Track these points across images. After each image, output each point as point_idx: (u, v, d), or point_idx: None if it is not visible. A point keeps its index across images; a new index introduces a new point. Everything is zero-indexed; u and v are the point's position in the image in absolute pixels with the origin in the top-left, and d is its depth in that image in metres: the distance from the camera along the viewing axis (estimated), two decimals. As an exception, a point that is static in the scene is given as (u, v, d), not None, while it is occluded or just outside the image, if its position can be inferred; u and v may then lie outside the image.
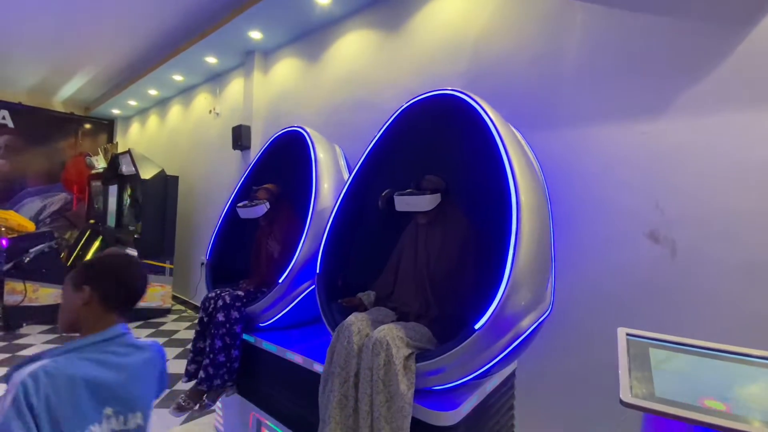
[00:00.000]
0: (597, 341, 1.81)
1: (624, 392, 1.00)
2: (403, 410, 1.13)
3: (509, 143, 1.36)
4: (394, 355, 1.18)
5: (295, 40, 3.84)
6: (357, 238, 1.85)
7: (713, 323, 1.59)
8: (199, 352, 1.83)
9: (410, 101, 1.74)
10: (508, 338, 1.19)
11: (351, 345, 1.28)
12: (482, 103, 1.49)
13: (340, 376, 1.26)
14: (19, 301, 4.07)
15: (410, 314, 1.51)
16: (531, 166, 1.43)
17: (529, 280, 1.21)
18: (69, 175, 6.92)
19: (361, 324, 1.33)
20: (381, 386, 1.18)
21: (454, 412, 1.17)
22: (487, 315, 1.15)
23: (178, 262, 5.21)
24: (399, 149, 1.85)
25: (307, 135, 2.13)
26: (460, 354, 1.17)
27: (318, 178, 1.96)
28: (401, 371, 1.16)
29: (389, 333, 1.23)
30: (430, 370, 1.22)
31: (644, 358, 1.10)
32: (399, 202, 1.56)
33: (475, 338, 1.15)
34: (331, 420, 1.21)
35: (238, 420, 1.92)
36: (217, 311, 1.81)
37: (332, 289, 1.68)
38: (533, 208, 1.28)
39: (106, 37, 4.43)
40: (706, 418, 0.90)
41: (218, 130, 4.82)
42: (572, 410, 1.92)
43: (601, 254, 1.90)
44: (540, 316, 1.30)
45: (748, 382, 1.02)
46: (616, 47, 1.92)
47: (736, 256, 1.57)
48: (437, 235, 1.61)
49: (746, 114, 1.59)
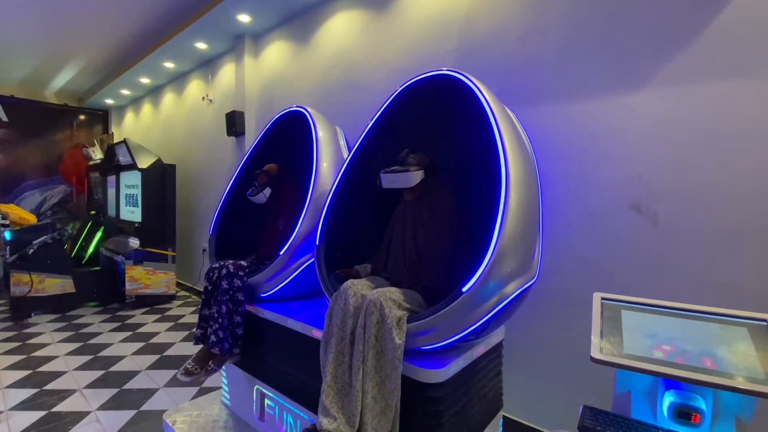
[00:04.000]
0: (581, 309, 1.89)
1: (594, 350, 1.08)
2: (393, 362, 1.22)
3: (501, 120, 1.41)
4: (387, 314, 1.26)
5: (284, 23, 3.81)
6: (356, 213, 1.91)
7: (692, 289, 1.66)
8: (204, 319, 1.94)
9: (409, 81, 1.79)
10: (494, 301, 1.26)
11: (348, 306, 1.36)
12: (477, 82, 1.54)
13: (338, 335, 1.35)
14: (26, 292, 4.17)
15: (402, 284, 1.58)
16: (521, 142, 1.48)
17: (515, 248, 1.28)
18: (67, 167, 6.95)
19: (356, 287, 1.41)
20: (373, 341, 1.26)
21: (441, 371, 1.25)
22: (474, 278, 1.21)
23: (180, 250, 5.30)
24: (397, 128, 1.91)
25: (308, 114, 2.21)
26: (449, 315, 1.24)
27: (319, 156, 2.03)
28: (393, 328, 1.24)
29: (383, 295, 1.31)
30: (420, 331, 1.29)
31: (616, 320, 1.18)
32: (385, 180, 1.61)
33: (463, 300, 1.22)
34: (328, 375, 1.31)
35: (243, 393, 2.03)
36: (221, 279, 1.90)
37: (331, 261, 1.76)
38: (522, 181, 1.34)
39: (94, 25, 4.39)
40: (666, 370, 0.98)
41: (212, 116, 4.83)
42: (557, 374, 2.02)
43: (586, 226, 1.96)
44: (525, 283, 1.37)
45: (710, 336, 1.10)
46: (600, 21, 1.93)
47: (715, 225, 1.62)
48: (424, 211, 1.65)
49: (727, 84, 1.61)
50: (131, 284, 4.59)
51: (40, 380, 2.78)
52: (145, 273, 4.68)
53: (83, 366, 3.03)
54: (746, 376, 0.97)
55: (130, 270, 4.58)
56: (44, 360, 3.13)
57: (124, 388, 2.69)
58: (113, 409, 2.43)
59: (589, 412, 1.13)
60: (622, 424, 1.08)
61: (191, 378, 1.82)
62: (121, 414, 2.37)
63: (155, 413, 2.37)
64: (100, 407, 2.44)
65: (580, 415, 1.13)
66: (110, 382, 2.77)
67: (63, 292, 4.43)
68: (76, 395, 2.59)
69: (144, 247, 4.67)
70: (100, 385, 2.72)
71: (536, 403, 2.11)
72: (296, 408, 1.72)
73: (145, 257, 4.68)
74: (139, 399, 2.55)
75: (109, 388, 2.69)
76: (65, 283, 4.45)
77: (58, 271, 4.39)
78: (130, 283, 4.58)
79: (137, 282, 4.63)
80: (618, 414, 1.13)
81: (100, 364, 3.08)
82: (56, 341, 3.54)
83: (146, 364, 3.07)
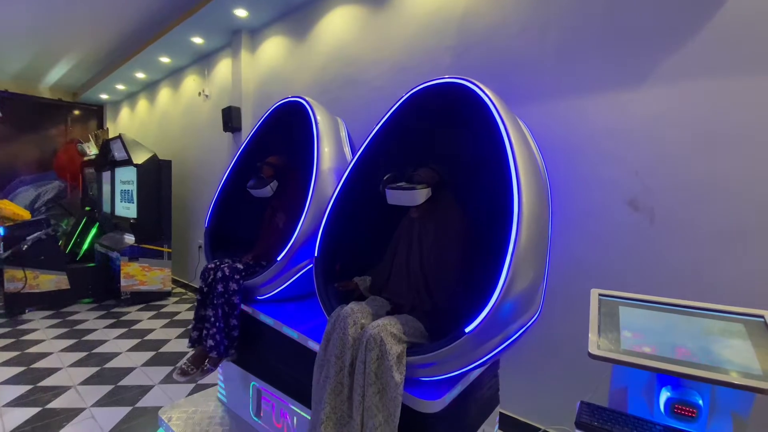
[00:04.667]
0: (578, 305, 1.89)
1: (592, 346, 1.08)
2: (395, 400, 1.20)
3: (516, 141, 1.31)
4: (388, 351, 1.23)
5: (282, 18, 3.78)
6: (357, 222, 1.85)
7: (689, 285, 1.67)
8: (200, 320, 1.91)
9: (417, 87, 1.70)
10: (497, 341, 1.24)
11: (346, 337, 1.33)
12: (489, 93, 1.45)
13: (336, 365, 1.32)
14: (20, 288, 4.13)
15: (404, 306, 1.54)
16: (535, 166, 1.37)
17: (522, 290, 1.21)
18: (61, 163, 6.89)
19: (356, 316, 1.37)
20: (374, 378, 1.23)
21: (439, 401, 1.24)
22: (478, 320, 1.17)
23: (176, 246, 5.27)
24: (403, 133, 1.82)
25: (307, 104, 2.08)
26: (449, 353, 1.22)
27: (320, 142, 1.92)
28: (394, 366, 1.22)
29: (383, 329, 1.27)
30: (421, 364, 1.28)
31: (614, 316, 1.18)
32: (390, 196, 1.55)
33: (465, 341, 1.20)
34: (327, 405, 1.28)
35: (239, 390, 2.02)
36: (216, 282, 1.88)
37: (329, 273, 1.71)
38: (534, 215, 1.25)
39: (89, 19, 4.34)
40: (663, 365, 0.98)
41: (209, 112, 4.80)
42: (554, 370, 2.02)
43: (583, 222, 1.96)
44: (529, 320, 1.33)
45: (706, 332, 1.10)
46: (598, 19, 1.92)
47: (712, 222, 1.63)
48: (430, 228, 1.60)
49: (723, 82, 1.62)
50: (126, 281, 4.56)
51: (34, 377, 2.76)
52: (141, 269, 4.66)
53: (78, 363, 3.01)
54: (742, 371, 0.97)
55: (126, 266, 4.55)
56: (38, 356, 3.11)
57: (120, 384, 2.68)
58: (108, 405, 2.42)
59: (586, 407, 1.14)
60: (619, 419, 1.08)
61: (187, 378, 1.80)
62: (116, 411, 2.36)
63: (150, 410, 2.36)
64: (95, 404, 2.43)
65: (578, 411, 1.13)
66: (105, 379, 2.75)
67: (57, 288, 4.40)
68: (71, 392, 2.57)
69: (139, 244, 4.64)
70: (95, 382, 2.70)
71: (533, 399, 2.12)
72: (292, 404, 1.72)
73: (140, 254, 4.65)
74: (134, 396, 2.53)
75: (104, 384, 2.67)
76: (60, 280, 4.42)
77: (52, 268, 4.36)
78: (126, 279, 4.55)
79: (133, 278, 4.60)
80: (615, 409, 1.13)
81: (94, 360, 3.06)
82: (50, 338, 3.52)
83: (141, 361, 3.06)
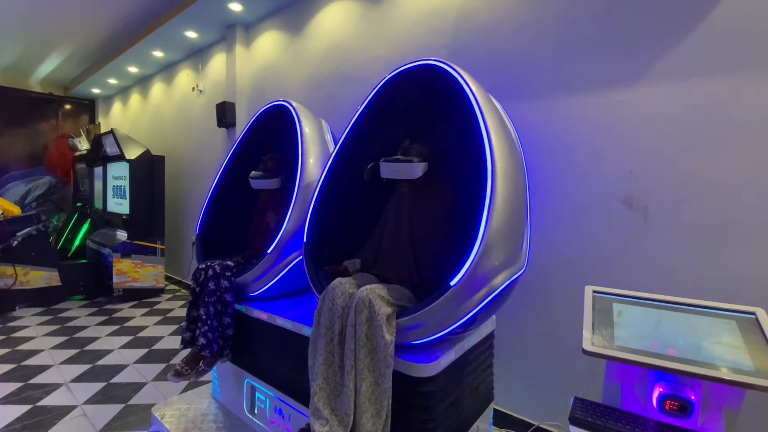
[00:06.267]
0: (572, 302, 1.90)
1: (586, 343, 1.09)
2: (386, 360, 1.21)
3: (487, 112, 1.39)
4: (377, 311, 1.24)
5: (277, 12, 3.75)
6: (343, 209, 1.88)
7: (682, 283, 1.68)
8: (193, 321, 1.90)
9: (393, 72, 1.74)
10: (482, 294, 1.26)
11: (336, 306, 1.34)
12: (463, 73, 1.51)
13: (326, 336, 1.33)
14: (10, 285, 4.08)
15: (391, 279, 1.56)
16: (508, 135, 1.47)
17: (502, 240, 1.27)
18: (52, 158, 6.79)
19: (344, 286, 1.38)
20: (364, 340, 1.25)
21: (432, 365, 1.25)
22: (462, 272, 1.20)
23: (169, 243, 5.22)
24: (383, 120, 1.87)
25: (292, 108, 2.13)
26: (437, 309, 1.24)
27: (304, 152, 1.98)
28: (384, 325, 1.22)
29: (371, 292, 1.29)
30: (410, 326, 1.28)
31: (608, 312, 1.19)
32: (385, 169, 1.54)
33: (451, 294, 1.21)
34: (319, 376, 1.29)
35: (233, 387, 2.01)
36: (207, 281, 1.86)
37: (319, 257, 1.73)
38: (508, 174, 1.33)
39: (81, 12, 4.27)
40: (655, 361, 0.99)
41: (202, 107, 4.75)
42: (548, 367, 2.04)
43: (577, 220, 1.97)
44: (514, 274, 1.37)
45: (699, 329, 1.11)
46: (596, 17, 1.92)
47: (705, 219, 1.64)
48: (421, 203, 1.61)
49: (718, 81, 1.63)
50: (119, 277, 4.51)
51: (25, 374, 2.72)
52: (133, 266, 4.61)
53: (69, 360, 2.98)
54: (734, 368, 0.99)
55: (118, 263, 4.51)
56: (29, 353, 3.07)
57: (112, 382, 2.66)
58: (100, 402, 2.39)
59: (579, 403, 1.14)
60: (612, 415, 1.09)
61: (181, 379, 1.79)
62: (108, 408, 2.34)
63: (143, 407, 2.34)
64: (86, 401, 2.41)
65: (571, 407, 1.14)
66: (97, 376, 2.72)
67: (48, 285, 4.35)
68: (63, 389, 2.54)
69: (132, 240, 4.59)
70: (87, 379, 2.68)
71: (527, 395, 2.13)
72: (287, 401, 1.71)
73: (133, 250, 4.61)
74: (127, 393, 2.51)
75: (96, 381, 2.65)
76: (51, 276, 4.37)
77: (43, 264, 4.30)
78: (118, 276, 4.51)
79: (125, 275, 4.56)
80: (608, 405, 1.14)
81: (86, 357, 3.03)
82: (41, 335, 3.48)
83: (134, 358, 3.03)
